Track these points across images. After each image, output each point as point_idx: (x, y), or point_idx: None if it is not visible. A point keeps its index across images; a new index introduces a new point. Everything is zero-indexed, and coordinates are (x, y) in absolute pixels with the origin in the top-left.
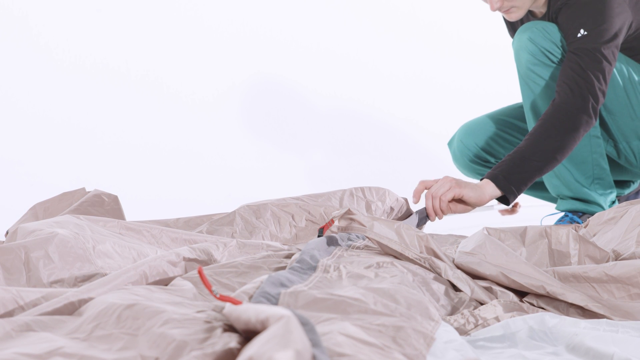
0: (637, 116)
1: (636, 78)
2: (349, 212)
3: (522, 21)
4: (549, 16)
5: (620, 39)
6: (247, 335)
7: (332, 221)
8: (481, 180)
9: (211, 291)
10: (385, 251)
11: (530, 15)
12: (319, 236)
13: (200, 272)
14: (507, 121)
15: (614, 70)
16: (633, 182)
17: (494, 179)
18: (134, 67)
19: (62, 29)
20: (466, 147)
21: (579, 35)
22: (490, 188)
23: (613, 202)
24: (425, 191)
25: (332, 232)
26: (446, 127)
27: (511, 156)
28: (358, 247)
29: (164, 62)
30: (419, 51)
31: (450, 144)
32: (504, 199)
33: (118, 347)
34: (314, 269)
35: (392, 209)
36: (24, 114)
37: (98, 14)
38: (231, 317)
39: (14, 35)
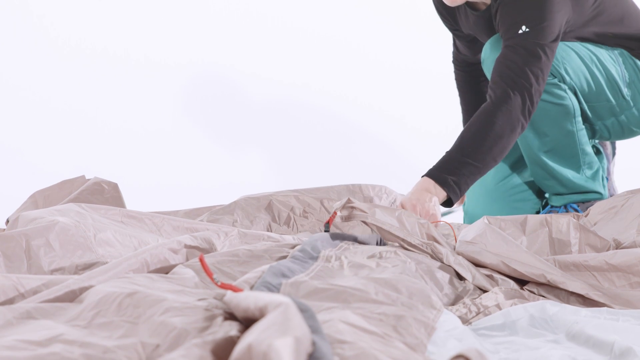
0: (611, 100)
1: (607, 65)
2: (349, 201)
3: (467, 18)
4: (494, 8)
5: (560, 37)
6: (247, 323)
7: (335, 213)
8: (425, 176)
9: (212, 279)
10: (387, 238)
11: (467, 7)
12: (325, 231)
13: (201, 260)
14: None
15: (594, 62)
16: None
17: (447, 186)
18: (134, 54)
19: (62, 15)
20: None
21: (520, 31)
22: (442, 195)
23: (603, 179)
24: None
25: (337, 227)
26: (445, 121)
27: (459, 160)
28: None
29: (165, 49)
30: (419, 41)
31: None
32: (447, 201)
33: (119, 335)
34: (315, 258)
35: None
36: (24, 102)
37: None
38: (231, 304)
39: (15, 23)
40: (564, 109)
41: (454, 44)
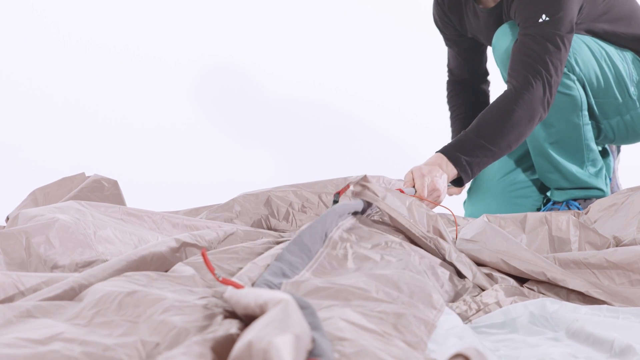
0: (618, 97)
1: (616, 62)
2: (365, 179)
3: (475, 16)
4: (506, 3)
5: (574, 28)
6: (248, 320)
7: (348, 186)
8: (438, 152)
9: (214, 274)
10: (393, 224)
11: (475, 5)
12: (334, 202)
13: (203, 255)
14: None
15: (603, 58)
16: None
17: (459, 166)
18: (134, 51)
19: (63, 12)
20: None
21: (540, 20)
22: (453, 173)
23: (606, 177)
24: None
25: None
26: (446, 117)
27: (475, 141)
28: (373, 219)
29: (166, 46)
30: (420, 38)
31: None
32: (457, 181)
33: (119, 333)
34: (322, 242)
35: None
36: (24, 99)
37: None
38: (231, 301)
39: (15, 19)
40: (572, 100)
41: (448, 66)
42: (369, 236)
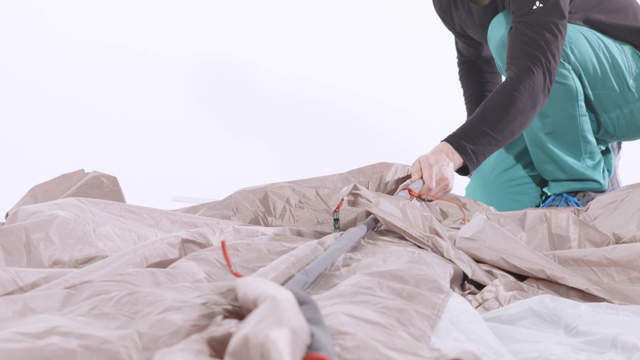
0: (616, 89)
1: (614, 54)
2: (355, 187)
3: (469, 14)
4: None
5: (567, 15)
6: (247, 312)
7: (342, 200)
8: (444, 141)
9: (229, 264)
10: (389, 227)
11: (470, 2)
12: (335, 219)
13: (223, 245)
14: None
15: (601, 48)
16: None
17: (465, 154)
18: (134, 46)
19: (63, 7)
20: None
21: (534, 7)
22: (459, 161)
23: (604, 171)
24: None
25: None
26: (446, 113)
27: (479, 130)
28: (380, 232)
29: (166, 42)
30: (419, 34)
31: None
32: (462, 170)
33: (115, 326)
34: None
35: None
36: (24, 96)
37: None
38: (237, 287)
39: (15, 15)
40: (567, 89)
41: (457, 48)
42: (374, 251)
